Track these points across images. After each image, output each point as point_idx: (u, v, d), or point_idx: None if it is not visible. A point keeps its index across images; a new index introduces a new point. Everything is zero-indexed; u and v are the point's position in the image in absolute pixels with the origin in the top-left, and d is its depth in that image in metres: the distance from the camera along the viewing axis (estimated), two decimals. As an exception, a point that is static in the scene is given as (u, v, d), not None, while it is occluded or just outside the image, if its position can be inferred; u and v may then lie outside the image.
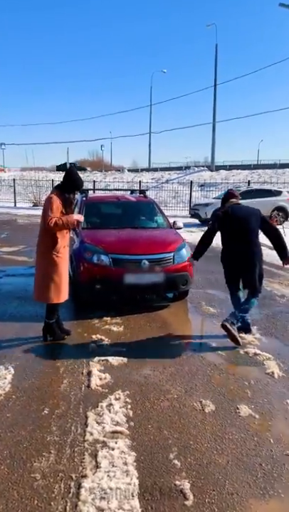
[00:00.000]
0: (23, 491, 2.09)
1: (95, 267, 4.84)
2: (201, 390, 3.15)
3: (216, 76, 31.93)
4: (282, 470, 2.28)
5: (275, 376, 3.40)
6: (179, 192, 22.61)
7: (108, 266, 4.83)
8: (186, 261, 5.14)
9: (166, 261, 5.01)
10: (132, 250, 4.99)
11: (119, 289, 4.83)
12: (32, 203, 23.99)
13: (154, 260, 4.92)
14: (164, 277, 4.89)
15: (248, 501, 2.04)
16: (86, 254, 4.96)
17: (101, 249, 4.93)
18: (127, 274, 4.77)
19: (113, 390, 3.11)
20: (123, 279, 4.75)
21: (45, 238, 3.88)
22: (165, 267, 4.94)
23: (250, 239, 4.10)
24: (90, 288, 4.85)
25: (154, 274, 4.87)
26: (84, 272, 4.90)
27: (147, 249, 5.04)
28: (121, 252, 4.93)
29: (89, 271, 4.87)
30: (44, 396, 3.04)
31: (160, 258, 4.99)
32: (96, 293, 4.86)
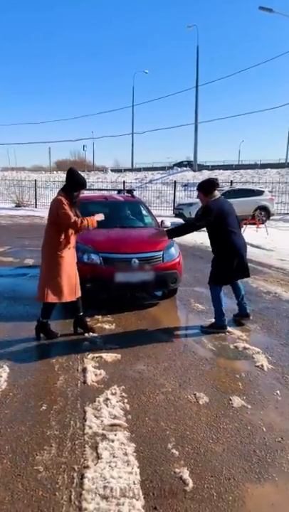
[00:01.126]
0: (28, 483, 2.14)
1: (85, 265, 4.88)
2: (194, 384, 3.25)
3: (198, 77, 32.26)
4: (275, 456, 2.39)
5: (264, 369, 3.53)
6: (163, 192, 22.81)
7: (99, 265, 4.90)
8: (175, 259, 5.24)
9: (156, 259, 5.10)
10: (122, 249, 5.06)
11: (110, 287, 4.89)
12: (14, 203, 23.76)
13: (143, 259, 5.01)
14: (154, 275, 4.98)
15: (245, 485, 2.15)
16: (77, 253, 4.99)
17: (91, 249, 4.99)
18: (117, 273, 4.84)
19: (109, 386, 3.17)
20: (113, 277, 4.82)
21: (51, 239, 3.94)
22: (155, 266, 5.03)
23: (239, 226, 4.42)
24: (81, 287, 4.88)
25: (144, 273, 4.95)
26: None
27: (137, 248, 5.12)
28: (111, 251, 5.00)
29: (79, 270, 4.90)
30: (41, 393, 3.08)
31: (150, 257, 5.08)
32: (87, 291, 4.90)
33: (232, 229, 4.24)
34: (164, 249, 5.23)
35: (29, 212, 20.81)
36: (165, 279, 5.12)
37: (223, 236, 4.26)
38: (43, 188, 24.47)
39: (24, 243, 10.85)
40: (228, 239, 4.24)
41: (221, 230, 4.25)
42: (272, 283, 6.64)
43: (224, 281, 4.41)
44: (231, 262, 4.27)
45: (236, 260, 4.27)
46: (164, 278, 5.10)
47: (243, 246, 4.36)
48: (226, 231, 4.23)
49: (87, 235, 5.42)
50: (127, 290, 5.16)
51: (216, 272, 4.39)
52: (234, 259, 4.26)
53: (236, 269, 4.32)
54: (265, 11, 18.62)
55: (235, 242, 4.25)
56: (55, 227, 3.93)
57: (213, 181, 4.44)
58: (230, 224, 4.25)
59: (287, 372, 3.47)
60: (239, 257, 4.28)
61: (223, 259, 4.32)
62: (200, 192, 4.41)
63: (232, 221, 4.29)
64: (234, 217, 4.35)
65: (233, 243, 4.24)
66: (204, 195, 4.35)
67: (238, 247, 4.27)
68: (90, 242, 5.11)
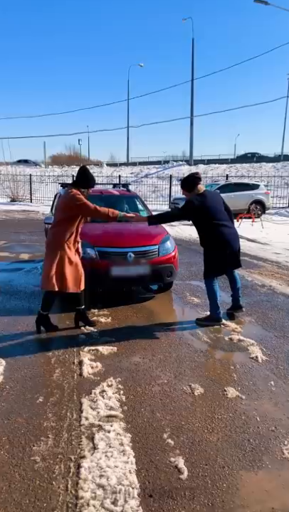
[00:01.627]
0: (25, 473, 2.17)
1: (81, 260, 4.88)
2: (189, 375, 3.28)
3: (193, 70, 32.15)
4: (268, 444, 2.43)
5: (259, 360, 3.57)
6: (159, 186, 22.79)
7: (94, 259, 4.91)
8: (171, 253, 5.26)
9: (152, 253, 5.12)
10: (118, 243, 5.08)
11: (106, 281, 4.91)
12: (9, 198, 23.66)
13: (139, 253, 5.02)
14: (150, 269, 5.00)
15: (239, 473, 2.19)
16: None
17: (87, 243, 4.98)
18: (113, 267, 4.86)
19: (105, 378, 3.20)
20: (109, 271, 4.84)
21: (61, 231, 4.00)
22: (150, 259, 5.05)
23: (230, 219, 4.43)
24: None
25: (139, 266, 4.97)
26: None
27: (133, 242, 5.13)
28: (107, 245, 5.01)
29: None
30: (37, 385, 3.10)
31: (145, 250, 5.09)
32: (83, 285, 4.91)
33: (218, 222, 4.24)
34: (160, 243, 5.24)
35: (24, 207, 20.75)
36: (161, 273, 5.15)
37: (209, 229, 4.28)
38: (38, 183, 24.37)
39: (19, 238, 10.84)
40: (214, 231, 4.24)
41: (205, 223, 4.27)
42: (267, 276, 6.69)
43: (216, 272, 4.42)
44: (220, 253, 4.28)
45: (225, 250, 4.28)
46: (160, 272, 5.13)
47: (233, 236, 4.35)
48: (211, 224, 4.23)
49: (83, 229, 5.42)
50: (123, 284, 5.19)
51: (206, 265, 4.42)
52: (223, 250, 4.27)
53: (227, 259, 4.33)
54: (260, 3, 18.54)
55: (223, 233, 4.25)
56: (69, 221, 4.01)
57: (193, 176, 4.42)
58: (216, 217, 4.25)
59: (281, 363, 3.52)
60: (228, 247, 4.28)
61: (211, 251, 4.34)
62: (184, 190, 4.44)
63: (218, 214, 4.28)
64: (221, 210, 4.34)
65: (220, 234, 4.24)
66: (188, 192, 4.37)
67: (226, 237, 4.27)
68: (85, 237, 5.10)
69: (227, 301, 4.92)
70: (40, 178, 25.79)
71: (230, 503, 1.98)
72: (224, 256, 4.29)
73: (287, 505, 1.96)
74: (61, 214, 4.06)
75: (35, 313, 4.78)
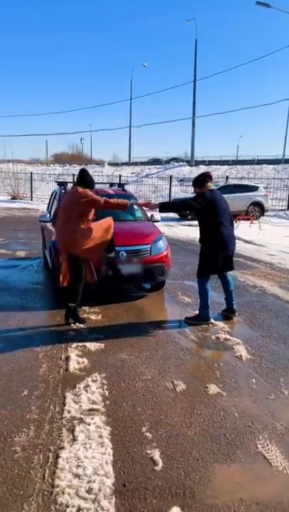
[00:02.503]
0: (4, 462, 2.24)
1: None
2: (173, 372, 3.35)
3: (196, 71, 32.18)
4: (244, 439, 2.50)
5: (243, 359, 3.63)
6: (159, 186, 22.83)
7: None
8: (163, 252, 5.33)
9: (143, 252, 5.18)
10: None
11: (98, 279, 4.97)
12: (10, 195, 23.74)
13: (131, 252, 5.09)
14: (141, 268, 5.07)
15: (212, 465, 2.25)
16: None
17: None
18: (105, 265, 4.92)
19: (90, 373, 3.27)
20: (101, 269, 4.90)
21: (74, 229, 4.17)
22: (142, 258, 5.12)
23: (231, 222, 4.50)
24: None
25: (131, 265, 5.03)
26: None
27: (125, 241, 5.17)
28: None
29: None
30: (24, 379, 3.17)
31: (137, 249, 5.16)
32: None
33: (222, 220, 4.31)
34: (152, 243, 5.31)
35: (25, 205, 20.82)
36: (152, 272, 5.22)
37: (211, 226, 4.32)
38: (39, 181, 24.45)
39: (18, 235, 10.92)
40: (217, 229, 4.30)
41: (210, 219, 4.32)
42: (259, 277, 6.74)
43: (209, 272, 4.47)
44: (216, 254, 4.34)
45: (222, 252, 4.34)
46: (152, 271, 5.19)
47: (231, 239, 4.43)
48: (215, 221, 4.30)
49: None
50: (115, 282, 5.25)
51: (201, 263, 4.48)
52: (220, 251, 4.33)
53: (221, 261, 4.38)
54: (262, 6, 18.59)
55: (223, 233, 4.31)
56: (79, 218, 4.19)
57: (206, 173, 4.60)
58: (221, 215, 4.33)
59: (264, 362, 3.58)
60: (225, 249, 4.35)
61: (208, 250, 4.40)
62: (196, 186, 4.53)
63: (223, 213, 4.36)
64: (226, 211, 4.43)
65: (220, 234, 4.30)
66: (199, 188, 4.46)
67: (225, 238, 4.33)
68: None
69: (217, 301, 4.99)
70: (41, 176, 25.87)
71: (201, 493, 2.04)
72: (217, 257, 4.35)
73: (256, 497, 2.03)
74: (71, 212, 4.20)
75: (27, 309, 4.88)
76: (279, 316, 4.84)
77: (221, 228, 4.31)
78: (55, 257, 5.17)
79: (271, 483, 2.14)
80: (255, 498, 2.03)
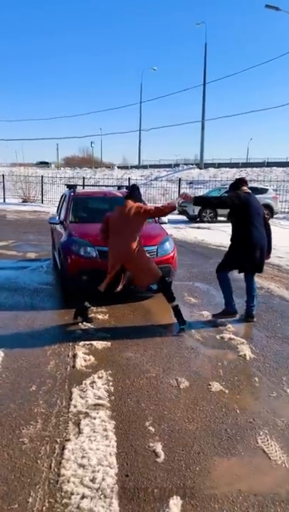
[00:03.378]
0: (13, 452, 2.34)
1: (81, 258, 5.08)
2: (177, 370, 3.43)
3: (205, 75, 32.27)
4: (244, 434, 2.56)
5: (246, 358, 3.69)
6: (168, 189, 22.92)
7: (94, 258, 5.07)
8: (170, 253, 5.41)
9: (150, 254, 5.20)
10: None
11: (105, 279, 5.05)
12: (21, 198, 24.07)
13: None
14: None
15: (212, 458, 2.32)
16: (73, 246, 5.19)
17: (88, 242, 5.17)
18: None
19: (96, 370, 3.36)
20: None
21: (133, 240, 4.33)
22: None
23: (264, 225, 4.58)
24: (77, 279, 5.08)
25: None
26: (71, 264, 5.13)
27: None
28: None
29: (76, 262, 5.10)
30: (32, 375, 3.28)
31: None
32: (83, 284, 5.10)
33: (254, 222, 4.42)
34: (159, 244, 5.38)
35: (35, 208, 21.09)
36: None
37: (244, 226, 4.42)
38: (50, 184, 24.73)
39: (28, 238, 11.10)
40: (248, 230, 4.40)
41: (243, 219, 4.42)
42: (266, 279, 6.77)
43: (230, 267, 4.56)
44: (242, 253, 4.45)
45: (249, 253, 4.42)
46: None
47: (261, 241, 4.47)
48: (247, 222, 4.40)
49: (85, 229, 5.62)
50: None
51: (226, 258, 4.59)
52: (247, 251, 4.42)
53: (247, 261, 4.47)
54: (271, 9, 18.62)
55: (254, 235, 4.40)
56: (138, 230, 4.37)
57: (241, 179, 4.78)
58: (254, 217, 4.43)
59: (268, 361, 3.63)
60: (253, 250, 4.41)
61: (236, 248, 4.52)
62: (231, 191, 4.64)
63: (257, 216, 4.46)
64: (260, 214, 4.52)
65: (251, 235, 4.39)
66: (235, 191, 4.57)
67: (255, 240, 4.41)
68: (86, 236, 5.29)
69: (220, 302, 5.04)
70: (51, 179, 26.16)
71: (201, 484, 2.12)
72: (244, 256, 4.45)
73: (254, 488, 2.09)
74: (129, 225, 4.34)
75: (37, 308, 5.00)
76: (284, 317, 4.88)
77: (252, 230, 4.41)
78: (64, 258, 5.29)
79: (270, 475, 2.20)
80: (254, 489, 2.09)
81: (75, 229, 5.58)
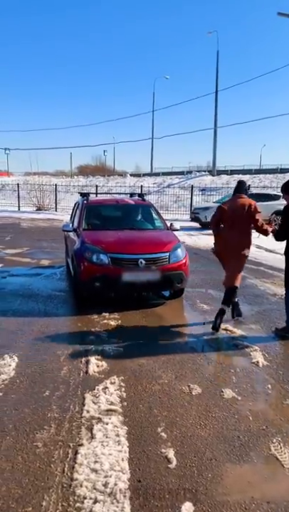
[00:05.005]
0: (27, 456, 2.37)
1: (94, 265, 5.14)
2: (190, 376, 3.42)
3: (218, 82, 32.35)
4: (257, 441, 2.54)
5: (259, 365, 3.67)
6: (180, 196, 22.93)
7: (107, 265, 5.12)
8: (182, 260, 5.44)
9: (162, 260, 5.29)
10: (130, 250, 5.28)
11: (118, 286, 5.12)
12: (35, 207, 24.39)
13: (150, 259, 5.21)
14: (160, 275, 5.18)
15: (225, 465, 2.31)
16: (86, 253, 5.26)
17: (100, 249, 5.23)
18: (124, 273, 5.06)
19: (109, 376, 3.39)
20: (121, 277, 5.04)
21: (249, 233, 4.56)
22: (161, 266, 5.22)
23: None
24: (90, 285, 5.14)
25: (150, 273, 5.16)
26: (84, 271, 5.19)
27: (144, 249, 5.33)
28: (119, 252, 5.22)
29: (89, 269, 5.17)
30: (45, 380, 3.32)
31: (156, 257, 5.27)
32: (96, 290, 5.16)
33: None
34: (171, 251, 5.42)
35: (49, 216, 21.35)
36: (171, 280, 5.32)
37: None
38: (64, 193, 25.02)
39: (42, 245, 11.24)
40: None
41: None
42: (280, 286, 6.70)
43: None
44: None
45: None
46: (170, 278, 5.30)
47: None
48: None
49: (97, 236, 5.69)
50: (134, 289, 5.37)
51: (285, 274, 4.38)
52: None
53: None
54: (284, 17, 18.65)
55: None
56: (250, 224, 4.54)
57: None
58: None
59: (281, 368, 3.60)
60: None
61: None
62: (286, 194, 4.43)
63: None
64: None
65: None
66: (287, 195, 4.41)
67: None
68: (99, 243, 5.36)
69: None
70: (65, 187, 26.48)
71: (213, 490, 2.11)
72: None
73: (267, 496, 2.08)
74: (247, 219, 4.52)
75: (50, 314, 5.06)
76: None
77: None
78: (77, 264, 5.36)
79: (283, 483, 2.19)
80: (267, 497, 2.07)
81: (88, 236, 5.66)
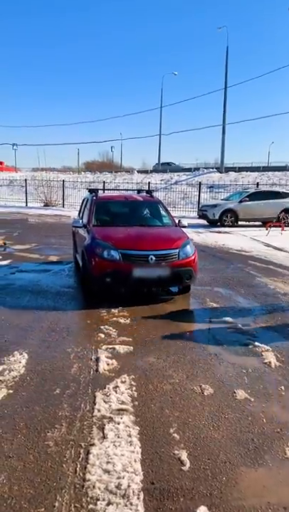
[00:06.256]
0: (38, 455, 2.34)
1: (105, 261, 5.17)
2: (201, 376, 3.38)
3: (227, 78, 32.09)
4: (272, 444, 2.49)
5: (272, 366, 3.61)
6: (188, 193, 22.84)
7: (118, 260, 5.14)
8: (191, 257, 5.44)
9: (172, 256, 5.31)
10: (140, 246, 5.30)
11: (128, 282, 5.16)
12: (43, 202, 24.43)
13: (160, 256, 5.23)
14: (170, 271, 5.20)
15: (239, 468, 2.27)
16: (97, 249, 5.28)
17: (111, 245, 5.25)
18: (135, 268, 5.09)
19: (120, 374, 3.35)
20: (132, 272, 5.07)
21: None
22: (171, 262, 5.25)
23: None
24: (101, 281, 5.19)
25: (160, 269, 5.18)
26: (96, 266, 5.22)
27: (154, 246, 5.35)
28: (130, 248, 5.23)
29: (100, 265, 5.20)
30: (56, 378, 3.29)
31: (166, 254, 5.29)
32: (106, 285, 5.19)
33: None
34: (180, 247, 5.43)
35: (57, 212, 21.38)
36: (180, 276, 5.33)
37: None
38: (71, 189, 25.03)
39: (50, 241, 11.24)
40: None
41: None
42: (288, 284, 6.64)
43: None
44: None
45: None
46: (180, 274, 5.31)
47: None
48: None
49: (108, 232, 5.68)
50: (144, 285, 5.40)
51: None
52: None
53: None
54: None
55: None
56: None
57: None
58: None
59: (294, 369, 3.54)
60: None
61: None
62: None
63: None
64: None
65: None
66: None
67: None
68: (109, 240, 5.35)
69: (247, 307, 4.96)
70: (72, 183, 26.48)
71: (228, 494, 2.07)
72: None
73: (284, 501, 2.03)
74: None
75: (59, 311, 5.04)
76: (310, 324, 4.76)
77: None
78: (88, 260, 5.35)
79: (299, 488, 2.14)
80: (283, 502, 2.03)
81: (98, 232, 5.67)
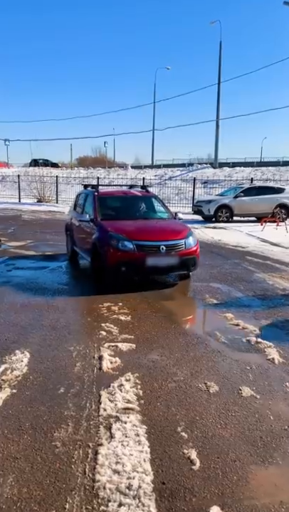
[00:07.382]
0: (46, 456, 2.31)
1: (120, 252, 5.51)
2: (205, 373, 3.36)
3: (220, 74, 31.99)
4: (280, 442, 2.49)
5: (275, 362, 3.61)
6: (182, 189, 22.79)
7: (132, 251, 5.50)
8: (194, 246, 5.95)
9: (179, 246, 5.79)
10: (152, 237, 5.75)
11: (142, 270, 5.60)
12: (36, 198, 24.22)
13: (170, 246, 5.71)
14: (178, 260, 5.71)
15: (250, 467, 2.26)
16: (112, 241, 5.61)
17: (125, 237, 5.60)
18: (148, 258, 5.50)
19: (123, 373, 3.32)
20: (145, 261, 5.48)
21: None
22: (179, 251, 5.74)
23: None
24: (116, 270, 5.54)
25: (170, 257, 5.67)
26: (111, 257, 5.55)
27: (164, 237, 5.83)
28: (143, 239, 5.66)
29: (115, 256, 5.55)
30: (59, 377, 3.25)
31: (175, 244, 5.77)
32: (122, 274, 5.59)
33: None
34: (185, 237, 5.88)
35: (50, 208, 21.21)
36: (187, 263, 5.85)
37: None
38: (64, 184, 24.84)
39: (45, 237, 11.15)
40: None
41: None
42: (288, 280, 6.65)
43: None
44: None
45: None
46: (186, 262, 5.83)
47: None
48: None
49: (117, 225, 6.02)
50: (156, 272, 5.92)
51: None
52: None
53: None
54: (289, 6, 18.35)
55: None
56: None
57: None
58: None
59: (297, 365, 3.54)
60: None
61: None
62: None
63: None
64: None
65: None
66: None
67: None
68: (122, 232, 5.72)
69: (247, 303, 4.95)
70: (66, 179, 26.29)
71: (240, 494, 2.06)
72: None
73: (296, 500, 2.02)
74: None
75: (59, 309, 4.98)
76: (310, 319, 4.77)
77: None
78: (103, 251, 5.66)
79: (311, 486, 2.13)
80: (295, 500, 2.02)
81: (109, 225, 5.99)
